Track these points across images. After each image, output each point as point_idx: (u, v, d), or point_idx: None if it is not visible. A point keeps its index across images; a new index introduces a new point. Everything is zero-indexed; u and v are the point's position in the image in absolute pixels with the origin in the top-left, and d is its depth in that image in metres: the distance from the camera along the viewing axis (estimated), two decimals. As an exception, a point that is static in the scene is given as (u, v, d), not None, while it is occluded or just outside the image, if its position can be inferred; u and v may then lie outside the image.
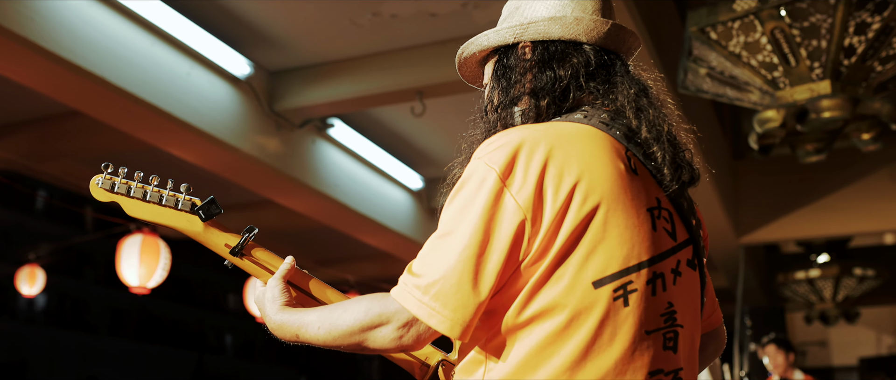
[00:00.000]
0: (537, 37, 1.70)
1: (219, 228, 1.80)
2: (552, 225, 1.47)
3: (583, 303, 1.48)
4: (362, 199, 7.37)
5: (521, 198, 1.47)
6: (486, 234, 1.47)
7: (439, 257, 1.49)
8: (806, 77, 4.92)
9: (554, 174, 1.48)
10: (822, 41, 4.77)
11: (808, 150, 5.48)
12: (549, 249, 1.48)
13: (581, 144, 1.54)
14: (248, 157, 6.08)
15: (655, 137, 1.62)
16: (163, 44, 5.46)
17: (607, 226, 1.50)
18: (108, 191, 1.80)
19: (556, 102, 1.67)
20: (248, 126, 6.09)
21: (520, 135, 1.53)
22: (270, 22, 5.64)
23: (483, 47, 1.77)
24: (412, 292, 1.50)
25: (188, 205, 1.78)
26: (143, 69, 5.28)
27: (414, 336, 1.52)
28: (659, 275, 1.54)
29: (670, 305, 1.56)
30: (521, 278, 1.50)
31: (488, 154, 1.51)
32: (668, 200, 1.63)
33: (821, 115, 4.88)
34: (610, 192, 1.51)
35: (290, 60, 6.13)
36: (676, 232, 1.61)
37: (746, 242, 8.72)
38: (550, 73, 1.68)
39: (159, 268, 5.90)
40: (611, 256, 1.49)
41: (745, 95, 5.27)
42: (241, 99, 6.04)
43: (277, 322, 1.70)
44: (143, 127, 5.67)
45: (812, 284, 9.72)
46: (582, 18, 1.70)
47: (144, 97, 5.26)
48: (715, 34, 4.99)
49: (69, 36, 4.81)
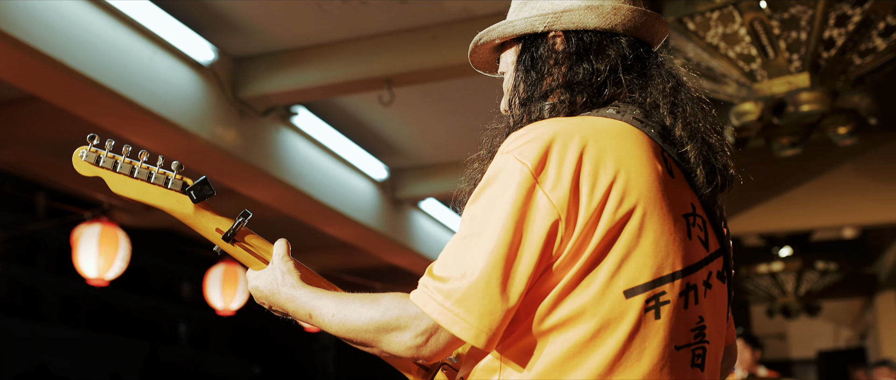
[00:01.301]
0: (571, 26, 1.58)
1: (210, 210, 1.67)
2: (586, 226, 1.37)
3: (613, 313, 1.38)
4: (326, 189, 7.21)
5: (556, 196, 1.36)
6: (516, 234, 1.36)
7: (465, 259, 1.38)
8: (784, 70, 4.86)
9: (589, 171, 1.38)
10: (802, 33, 4.71)
11: (784, 143, 5.44)
12: (582, 252, 1.38)
13: (618, 142, 1.44)
14: (209, 145, 5.90)
15: (690, 135, 1.52)
16: (124, 28, 5.26)
17: (643, 231, 1.40)
18: (93, 164, 1.66)
19: (591, 98, 1.55)
20: (211, 113, 5.91)
21: (552, 128, 1.42)
22: (236, 7, 5.45)
23: (506, 35, 1.65)
24: (433, 296, 1.39)
25: (179, 184, 1.66)
26: (104, 53, 5.08)
27: (433, 346, 1.40)
28: (692, 287, 1.45)
29: (701, 319, 1.47)
30: (549, 282, 1.40)
31: (518, 148, 1.40)
32: (701, 207, 1.53)
33: (799, 108, 4.84)
34: (647, 194, 1.41)
35: (255, 47, 5.95)
36: (709, 241, 1.52)
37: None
38: (588, 65, 1.56)
39: (118, 259, 5.71)
40: (644, 264, 1.39)
41: (722, 88, 5.20)
42: (204, 85, 5.85)
43: (290, 297, 1.57)
44: (103, 113, 5.46)
45: (774, 277, 9.74)
46: (620, 8, 1.58)
47: (104, 82, 5.08)
48: (693, 25, 4.91)
49: (26, 18, 4.61)
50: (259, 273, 1.65)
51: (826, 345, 12.55)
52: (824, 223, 8.99)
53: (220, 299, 7.20)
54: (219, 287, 7.11)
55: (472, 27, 5.65)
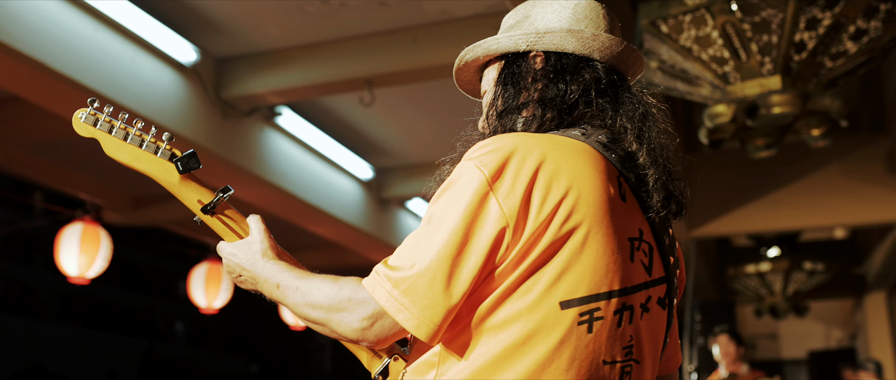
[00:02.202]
0: (551, 48, 1.67)
1: (195, 182, 1.75)
2: (532, 237, 1.44)
3: (546, 321, 1.45)
4: (311, 188, 7.27)
5: (507, 205, 1.44)
6: (465, 236, 1.44)
7: (416, 253, 1.46)
8: (756, 72, 4.91)
9: (543, 185, 1.45)
10: (773, 36, 4.76)
11: (759, 145, 5.48)
12: (524, 260, 1.45)
13: (575, 160, 1.51)
14: (193, 144, 5.95)
15: (652, 161, 1.59)
16: (106, 29, 5.32)
17: (585, 248, 1.46)
18: (91, 126, 1.74)
19: (560, 115, 1.64)
20: (194, 113, 5.97)
21: (514, 141, 1.50)
22: (217, 8, 5.52)
23: (491, 52, 1.73)
24: (383, 284, 1.46)
25: (168, 154, 1.73)
26: (86, 55, 5.14)
27: (378, 330, 1.48)
28: (628, 307, 1.51)
29: (632, 338, 1.53)
30: (491, 285, 1.48)
31: (480, 156, 1.48)
32: (650, 234, 1.60)
33: (771, 110, 4.88)
34: (595, 213, 1.48)
35: (237, 47, 6.01)
36: (653, 267, 1.58)
37: (698, 236, 8.75)
38: (562, 85, 1.64)
39: (100, 257, 5.76)
40: (582, 280, 1.46)
41: (696, 90, 5.25)
42: (186, 86, 5.91)
43: (263, 268, 1.65)
44: (85, 113, 5.52)
45: (762, 277, 9.79)
46: (598, 35, 1.67)
47: (86, 83, 5.13)
48: (666, 27, 4.96)
49: (8, 19, 4.67)
50: (236, 243, 1.73)
51: (817, 345, 12.58)
52: (812, 224, 9.03)
53: (204, 297, 7.26)
54: (202, 285, 7.17)
55: (452, 29, 5.68)
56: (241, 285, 1.72)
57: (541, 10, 1.74)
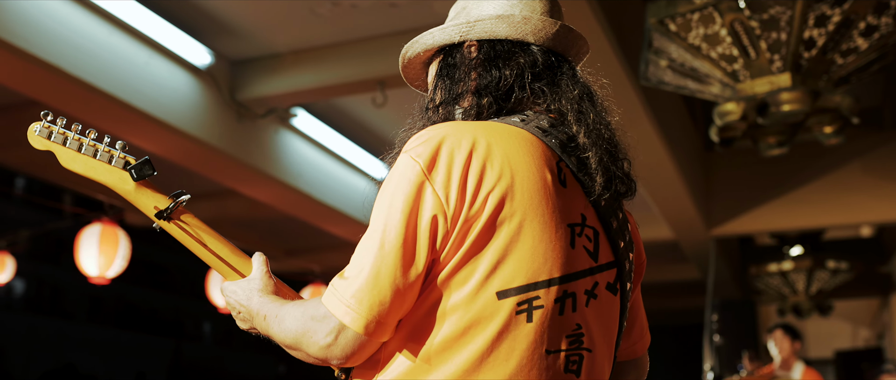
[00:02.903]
0: (484, 35, 1.65)
1: (151, 189, 1.73)
2: (466, 224, 1.43)
3: (484, 312, 1.43)
4: (326, 189, 7.32)
5: (443, 192, 1.42)
6: (407, 229, 1.43)
7: (362, 256, 1.45)
8: (766, 70, 4.88)
9: (476, 171, 1.44)
10: (782, 33, 4.73)
11: (770, 143, 5.45)
12: (459, 248, 1.44)
13: (510, 146, 1.49)
14: (209, 146, 6.03)
15: (593, 142, 1.57)
16: (121, 33, 5.40)
17: (521, 235, 1.44)
18: (46, 139, 1.74)
19: (497, 102, 1.61)
20: (210, 116, 6.04)
21: (446, 129, 1.49)
22: (230, 11, 5.58)
23: (428, 46, 1.71)
24: (336, 294, 1.45)
25: (122, 162, 1.73)
26: (101, 59, 5.22)
27: (343, 345, 1.45)
28: (570, 294, 1.49)
29: (578, 326, 1.50)
30: (429, 278, 1.46)
31: (415, 148, 1.47)
32: (596, 218, 1.57)
33: (780, 108, 4.85)
34: (530, 200, 1.46)
35: (251, 50, 6.08)
36: (599, 253, 1.56)
37: (718, 235, 8.70)
38: (496, 72, 1.62)
39: (119, 257, 5.85)
40: (519, 268, 1.44)
41: (706, 88, 5.23)
42: (201, 89, 5.98)
43: (255, 304, 1.63)
44: (102, 116, 5.61)
45: (785, 276, 9.71)
46: (530, 18, 1.65)
47: (102, 87, 5.21)
48: (674, 26, 4.95)
49: (24, 25, 4.75)
50: (238, 282, 1.71)
51: (844, 345, 12.44)
52: (835, 222, 8.95)
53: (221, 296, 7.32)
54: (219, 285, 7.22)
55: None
56: (241, 323, 1.69)
57: (476, 2, 1.72)
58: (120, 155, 1.73)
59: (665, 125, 6.50)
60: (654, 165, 6.93)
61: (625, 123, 5.77)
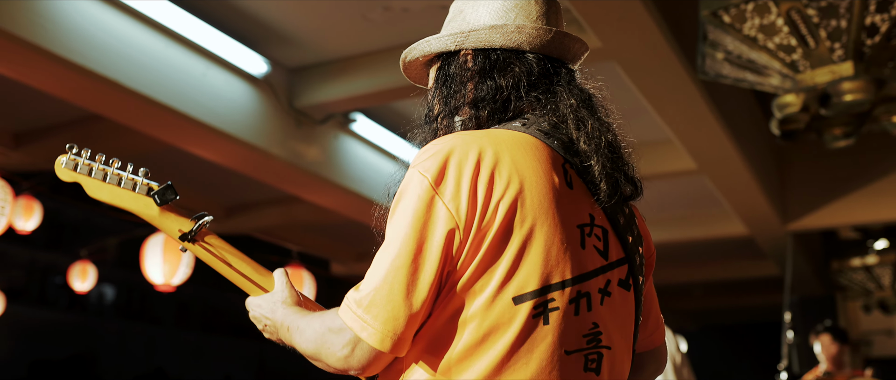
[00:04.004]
0: (479, 45, 1.67)
1: (175, 213, 1.79)
2: (480, 233, 1.45)
3: (501, 318, 1.44)
4: (389, 193, 7.33)
5: (454, 205, 1.44)
6: (418, 243, 1.44)
7: (376, 271, 1.47)
8: (827, 59, 4.72)
9: (485, 180, 1.46)
10: (842, 21, 4.57)
11: (836, 134, 5.27)
12: (474, 258, 1.46)
13: (516, 152, 1.50)
14: (269, 154, 6.10)
15: (594, 148, 1.58)
16: (177, 45, 5.50)
17: (533, 240, 1.46)
18: (72, 171, 1.80)
19: (496, 113, 1.64)
20: (268, 124, 6.11)
21: (452, 141, 1.50)
22: (283, 20, 5.63)
23: (425, 53, 1.75)
24: (351, 307, 1.48)
25: (145, 189, 1.78)
26: (158, 71, 5.33)
27: (359, 356, 1.46)
28: (584, 294, 1.50)
29: (595, 325, 1.51)
30: (446, 290, 1.48)
31: (422, 162, 1.49)
32: (603, 217, 1.58)
33: (843, 98, 4.69)
34: (540, 204, 1.48)
35: (307, 57, 6.13)
36: (609, 251, 1.57)
37: (795, 229, 8.44)
38: (491, 82, 1.64)
39: (182, 265, 5.96)
40: (533, 272, 1.45)
41: (766, 80, 5.08)
42: (259, 97, 6.06)
43: (282, 315, 1.66)
44: (162, 128, 5.73)
45: (869, 271, 9.38)
46: (524, 26, 1.66)
47: (160, 99, 5.32)
48: (728, 17, 4.82)
49: (81, 41, 4.87)
50: (263, 296, 1.75)
51: (936, 340, 11.95)
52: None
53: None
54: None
55: (511, 29, 5.60)
56: (267, 335, 1.73)
57: (472, 6, 1.73)
58: (143, 182, 1.79)
59: (730, 118, 6.34)
60: (722, 160, 6.78)
61: (686, 118, 5.63)
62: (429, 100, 1.74)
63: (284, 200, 8.04)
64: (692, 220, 9.31)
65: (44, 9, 4.68)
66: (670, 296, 13.56)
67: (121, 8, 5.13)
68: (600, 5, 4.72)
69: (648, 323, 1.81)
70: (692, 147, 6.64)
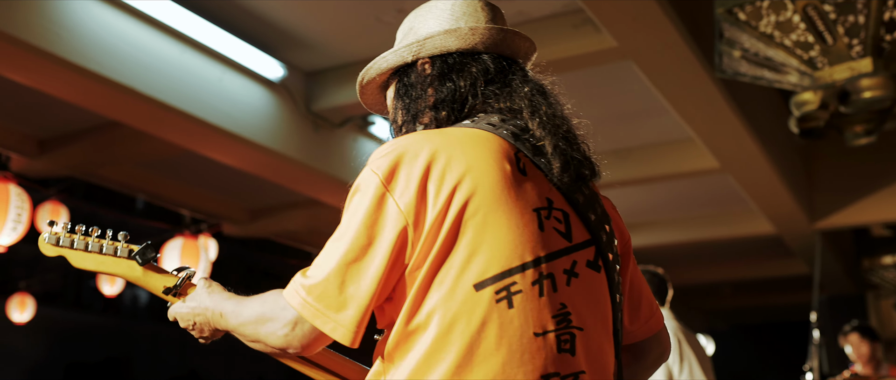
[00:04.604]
0: (435, 51, 1.73)
1: (156, 270, 1.85)
2: (433, 227, 1.49)
3: (464, 306, 1.48)
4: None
5: (403, 202, 1.49)
6: (368, 238, 1.49)
7: (326, 259, 1.52)
8: (845, 55, 4.64)
9: (437, 176, 1.51)
10: (860, 16, 4.49)
11: (857, 132, 5.20)
12: (431, 251, 1.49)
13: (466, 146, 1.56)
14: (287, 158, 6.11)
15: (548, 131, 1.63)
16: (193, 51, 5.51)
17: (488, 228, 1.50)
18: (55, 245, 1.86)
19: (454, 113, 1.69)
20: (285, 128, 6.12)
21: (406, 141, 1.56)
22: (298, 23, 5.63)
23: (383, 70, 1.80)
24: (298, 291, 1.52)
25: (126, 252, 1.84)
26: (174, 77, 5.35)
27: (299, 335, 1.52)
28: (547, 276, 1.53)
29: (563, 306, 1.54)
30: (408, 285, 1.52)
31: (376, 161, 1.55)
32: (562, 200, 1.62)
33: (862, 95, 4.61)
34: (491, 192, 1.52)
35: (323, 61, 6.13)
36: (572, 232, 1.60)
37: (823, 228, 8.32)
38: (450, 84, 1.70)
39: (200, 270, 5.98)
40: (492, 258, 1.49)
41: (784, 77, 5.00)
42: (276, 101, 6.07)
43: (208, 305, 1.72)
44: (179, 134, 5.75)
45: (901, 268, 9.23)
46: (477, 28, 1.74)
47: (176, 105, 5.34)
48: (744, 15, 4.75)
49: (96, 48, 4.90)
50: (183, 300, 1.79)
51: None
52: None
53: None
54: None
55: (529, 30, 5.64)
56: (197, 333, 1.77)
57: (422, 19, 1.80)
58: (124, 245, 1.84)
59: (753, 116, 6.26)
60: (745, 159, 6.69)
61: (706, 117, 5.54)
62: (392, 114, 1.79)
63: (309, 204, 8.06)
64: (718, 219, 9.21)
65: (58, 17, 4.72)
66: (699, 295, 13.44)
67: (136, 14, 5.16)
68: (614, 5, 4.68)
69: (641, 310, 1.84)
70: (714, 146, 6.56)
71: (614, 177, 7.65)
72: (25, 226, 5.14)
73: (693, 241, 9.23)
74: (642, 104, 6.64)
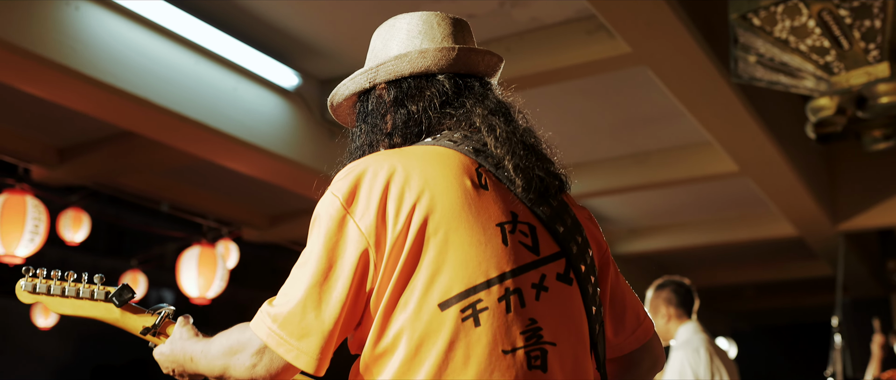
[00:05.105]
0: (389, 77, 1.72)
1: (134, 311, 1.85)
2: (394, 248, 1.48)
3: (430, 326, 1.46)
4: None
5: (364, 224, 1.48)
6: (329, 262, 1.49)
7: (290, 287, 1.51)
8: (862, 60, 4.59)
9: (396, 195, 1.50)
10: (876, 21, 4.43)
11: (876, 137, 5.13)
12: (393, 272, 1.48)
13: (425, 164, 1.55)
14: (303, 166, 6.13)
15: (507, 149, 1.61)
16: (207, 62, 5.53)
17: (449, 246, 1.48)
18: (31, 292, 1.87)
19: (410, 138, 1.69)
20: (300, 136, 6.13)
21: (364, 163, 1.56)
22: (312, 32, 5.63)
23: (344, 97, 1.81)
24: (264, 321, 1.52)
25: (103, 294, 1.84)
26: (189, 88, 5.37)
27: (267, 365, 1.51)
28: (514, 291, 1.50)
29: (533, 321, 1.52)
30: (374, 307, 1.50)
31: (335, 183, 1.56)
32: (528, 213, 1.60)
33: (878, 101, 4.55)
34: (451, 210, 1.50)
35: (338, 68, 6.13)
36: (540, 245, 1.58)
37: (846, 229, 8.22)
38: (404, 110, 1.71)
39: (217, 278, 6.01)
40: (455, 277, 1.47)
41: (800, 82, 4.94)
42: (291, 110, 6.08)
43: (181, 349, 1.71)
44: (195, 144, 5.78)
45: (928, 271, 9.11)
46: (427, 51, 1.71)
47: (192, 116, 5.36)
48: (758, 20, 4.70)
49: (110, 60, 4.92)
50: (164, 343, 1.80)
51: None
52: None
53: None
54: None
55: (543, 35, 5.60)
56: (178, 377, 1.76)
57: (382, 41, 1.79)
58: (100, 288, 1.85)
59: (771, 119, 6.20)
60: (764, 162, 6.63)
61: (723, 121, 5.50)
62: (351, 137, 1.80)
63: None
64: (739, 221, 9.14)
65: (73, 30, 4.74)
66: (722, 297, 13.34)
67: (150, 26, 5.18)
68: (627, 11, 4.65)
69: (625, 320, 1.81)
70: (732, 150, 6.51)
71: (633, 181, 7.63)
72: (43, 238, 5.19)
73: (715, 243, 9.17)
74: (660, 108, 6.60)
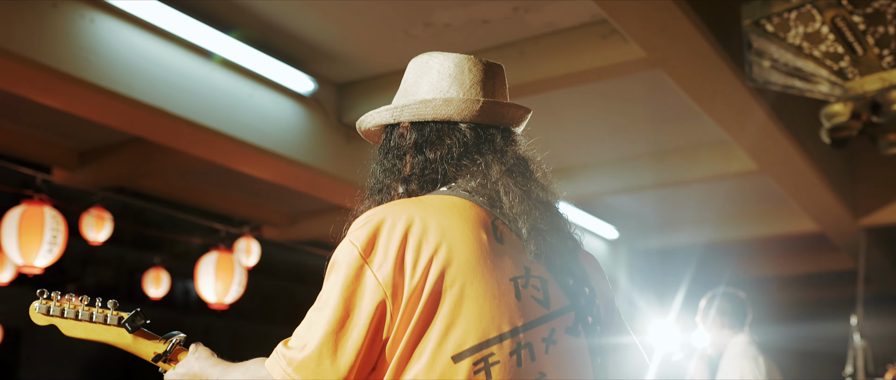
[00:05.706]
0: (413, 118, 1.73)
1: (146, 337, 1.86)
2: (411, 299, 1.49)
3: (442, 377, 1.48)
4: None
5: (382, 275, 1.49)
6: (345, 311, 1.50)
7: (307, 332, 1.53)
8: (876, 66, 4.55)
9: (413, 247, 1.50)
10: (890, 27, 4.39)
11: (891, 141, 5.08)
12: (409, 322, 1.50)
13: (443, 216, 1.55)
14: (320, 171, 6.16)
15: (520, 211, 1.61)
16: (222, 69, 5.56)
17: (465, 299, 1.49)
18: (45, 315, 1.89)
19: (427, 186, 1.69)
20: (317, 140, 6.16)
21: (383, 212, 1.56)
22: (326, 37, 5.65)
23: (370, 126, 1.82)
24: (280, 362, 1.54)
25: (115, 319, 1.86)
26: (204, 96, 5.40)
27: None
28: (525, 345, 1.52)
29: (542, 375, 1.53)
30: (388, 358, 1.52)
31: (354, 232, 1.56)
32: (541, 267, 1.61)
33: (892, 106, 4.52)
34: (468, 263, 1.51)
35: (353, 73, 6.15)
36: (551, 299, 1.59)
37: (868, 225, 8.15)
38: (421, 156, 1.70)
39: (235, 284, 6.06)
40: (469, 329, 1.49)
41: (814, 87, 4.91)
42: (307, 115, 6.10)
43: (197, 370, 1.74)
44: (212, 151, 5.82)
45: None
46: (451, 100, 1.70)
47: (207, 124, 5.40)
48: (771, 26, 4.67)
49: (125, 71, 4.97)
50: (177, 365, 1.82)
51: None
52: None
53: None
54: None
55: (558, 40, 5.60)
56: None
57: (414, 75, 1.80)
58: (113, 313, 1.86)
59: (788, 118, 6.15)
60: (783, 161, 6.59)
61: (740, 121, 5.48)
62: (373, 169, 1.80)
63: (345, 211, 8.10)
64: (761, 217, 9.08)
65: (87, 42, 4.79)
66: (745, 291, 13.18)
67: (164, 36, 5.21)
68: (640, 16, 4.63)
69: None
70: (751, 149, 6.47)
71: (651, 179, 7.61)
72: (61, 248, 5.26)
73: (736, 239, 9.12)
74: (678, 107, 6.57)
